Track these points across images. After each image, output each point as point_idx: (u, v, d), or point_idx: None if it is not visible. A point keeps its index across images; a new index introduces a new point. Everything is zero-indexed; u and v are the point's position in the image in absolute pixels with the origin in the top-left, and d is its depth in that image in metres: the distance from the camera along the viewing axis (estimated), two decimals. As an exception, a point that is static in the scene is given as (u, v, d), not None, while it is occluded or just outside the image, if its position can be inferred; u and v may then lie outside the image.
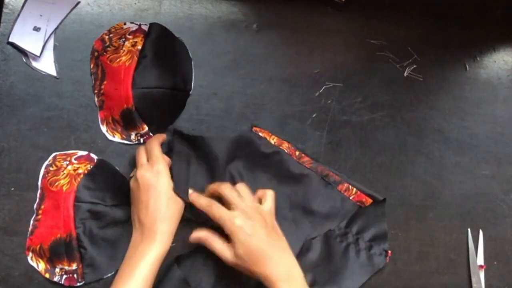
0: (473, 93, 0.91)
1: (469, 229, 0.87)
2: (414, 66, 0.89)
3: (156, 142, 0.74)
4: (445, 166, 0.88)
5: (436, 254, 0.85)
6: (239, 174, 0.80)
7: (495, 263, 0.87)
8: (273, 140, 0.82)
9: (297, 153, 0.82)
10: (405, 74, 0.89)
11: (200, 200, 0.73)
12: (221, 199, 0.73)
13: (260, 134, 0.81)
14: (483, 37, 0.92)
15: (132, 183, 0.73)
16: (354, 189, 0.83)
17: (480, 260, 0.86)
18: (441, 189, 0.87)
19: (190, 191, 0.74)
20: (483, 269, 0.86)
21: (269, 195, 0.75)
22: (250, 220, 0.69)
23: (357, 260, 0.81)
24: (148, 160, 0.73)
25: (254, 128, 0.82)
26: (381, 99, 0.87)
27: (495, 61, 0.92)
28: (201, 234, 0.72)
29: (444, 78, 0.90)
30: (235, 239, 0.69)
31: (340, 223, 0.82)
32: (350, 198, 0.82)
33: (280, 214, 0.77)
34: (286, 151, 0.82)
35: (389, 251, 0.83)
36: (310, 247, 0.80)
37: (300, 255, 0.79)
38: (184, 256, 0.77)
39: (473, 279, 0.85)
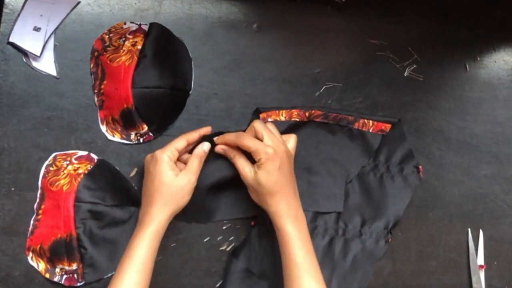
0: (473, 93, 0.91)
1: (469, 229, 0.87)
2: (414, 66, 0.89)
3: (183, 136, 0.75)
4: (445, 166, 0.88)
5: (436, 254, 0.85)
6: None
7: (495, 263, 0.87)
8: (283, 116, 0.82)
9: (307, 114, 0.83)
10: (405, 74, 0.89)
11: (227, 136, 0.76)
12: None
13: (270, 119, 0.82)
14: (483, 37, 0.92)
15: None
16: (371, 121, 0.84)
17: (480, 260, 0.86)
18: (441, 189, 0.87)
19: (215, 138, 0.77)
20: (483, 269, 0.86)
21: (292, 137, 0.78)
22: (279, 155, 0.72)
23: (393, 186, 0.84)
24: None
25: (261, 116, 0.82)
26: (381, 99, 0.87)
27: (495, 61, 0.92)
28: (227, 148, 0.76)
29: (444, 78, 0.90)
30: (263, 166, 0.72)
31: (370, 157, 0.84)
32: (370, 131, 0.84)
33: (314, 173, 0.81)
34: (297, 119, 0.82)
35: (420, 167, 0.85)
36: (348, 191, 0.83)
37: (344, 203, 0.82)
38: (239, 248, 0.80)
39: (473, 279, 0.85)
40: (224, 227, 0.80)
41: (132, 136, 0.79)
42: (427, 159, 0.87)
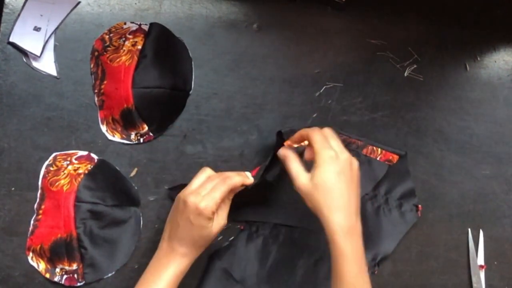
0: (473, 93, 0.91)
1: (469, 229, 0.87)
2: (414, 66, 0.89)
3: (227, 183, 0.69)
4: (445, 166, 0.88)
5: (436, 254, 0.85)
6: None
7: (495, 263, 0.87)
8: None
9: None
10: (405, 74, 0.89)
11: (299, 132, 0.72)
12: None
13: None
14: (483, 37, 0.92)
15: (176, 199, 0.70)
16: (379, 149, 0.84)
17: (481, 260, 0.86)
18: (441, 189, 0.87)
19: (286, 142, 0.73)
20: (483, 269, 0.86)
21: (355, 160, 0.72)
22: (341, 161, 0.68)
23: (389, 220, 0.83)
24: (201, 188, 0.69)
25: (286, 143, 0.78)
26: (381, 99, 0.87)
27: (495, 61, 0.92)
28: (287, 152, 0.71)
29: (444, 78, 0.90)
30: (321, 166, 0.67)
31: (374, 185, 0.83)
32: (377, 158, 0.83)
33: None
34: None
35: (419, 206, 0.84)
36: None
37: None
38: (223, 249, 0.79)
39: (474, 279, 0.85)
40: (224, 227, 0.80)
41: (132, 136, 0.79)
42: (427, 159, 0.87)
